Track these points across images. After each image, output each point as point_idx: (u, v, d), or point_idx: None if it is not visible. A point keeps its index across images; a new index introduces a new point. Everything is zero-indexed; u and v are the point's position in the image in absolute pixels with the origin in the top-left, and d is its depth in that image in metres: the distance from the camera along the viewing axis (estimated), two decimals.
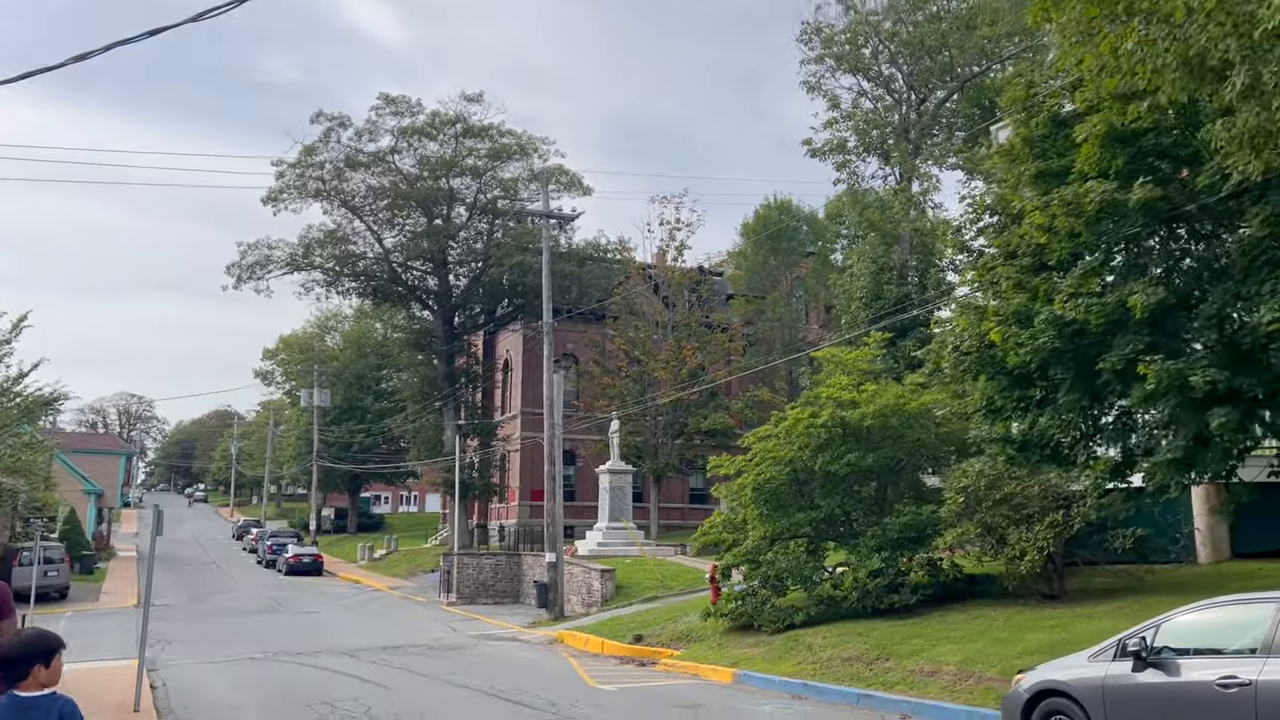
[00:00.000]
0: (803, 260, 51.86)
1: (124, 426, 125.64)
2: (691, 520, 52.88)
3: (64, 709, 4.46)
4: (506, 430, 53.73)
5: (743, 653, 17.04)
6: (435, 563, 46.77)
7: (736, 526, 20.96)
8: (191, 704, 13.61)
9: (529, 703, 13.22)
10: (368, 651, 20.82)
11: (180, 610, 31.69)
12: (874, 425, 18.54)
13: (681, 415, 45.40)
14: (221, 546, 65.29)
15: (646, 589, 28.21)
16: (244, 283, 49.55)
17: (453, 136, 48.98)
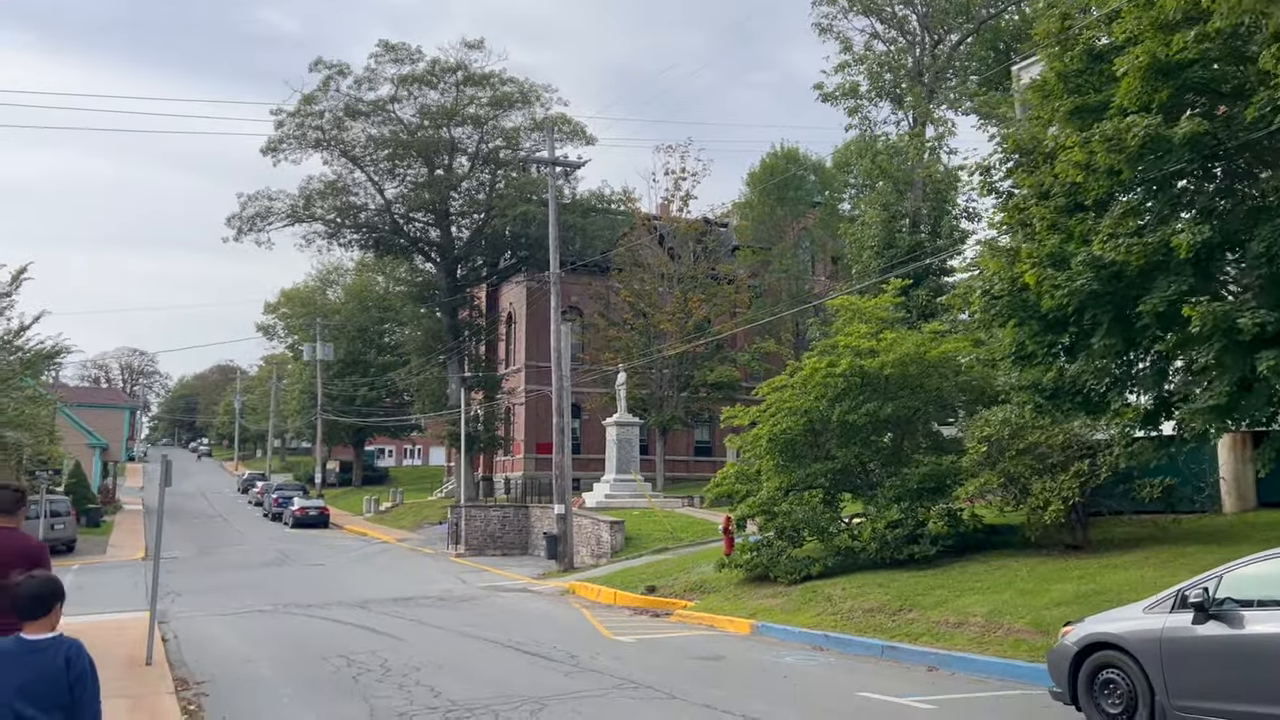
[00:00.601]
0: (810, 210, 51.12)
1: (127, 381, 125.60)
2: (698, 473, 52.82)
3: (70, 650, 4.44)
4: (511, 383, 53.45)
5: (760, 604, 16.81)
6: (441, 515, 46.75)
7: (750, 478, 20.67)
8: (203, 657, 13.38)
9: (547, 654, 12.97)
10: (378, 603, 20.66)
11: (188, 563, 31.61)
12: (893, 374, 18.16)
13: (687, 368, 45.04)
14: (227, 500, 65.39)
15: (656, 540, 28.04)
16: (244, 235, 48.98)
17: (454, 85, 48.05)
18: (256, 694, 10.50)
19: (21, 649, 4.42)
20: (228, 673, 12.12)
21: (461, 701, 9.66)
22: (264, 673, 12.08)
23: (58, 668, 4.41)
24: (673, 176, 46.01)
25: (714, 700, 9.61)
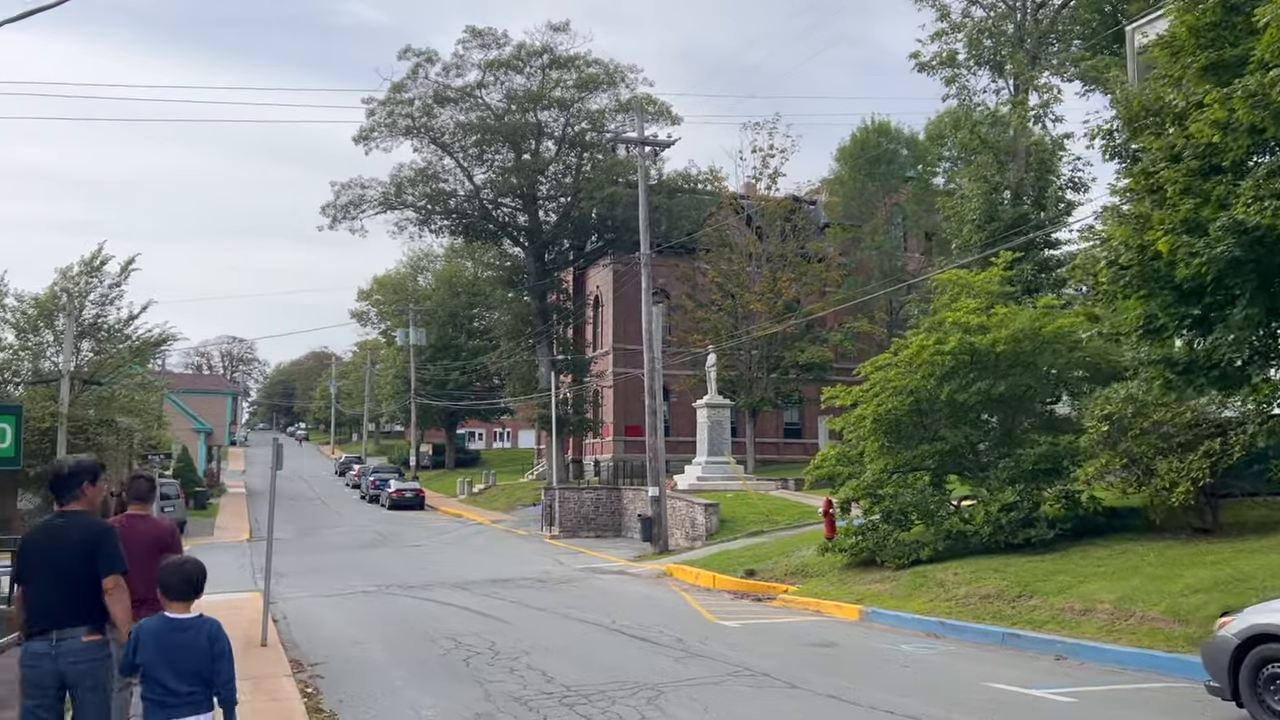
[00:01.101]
0: (903, 185, 49.80)
1: (227, 369, 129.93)
2: (788, 455, 52.16)
3: (211, 629, 4.82)
4: (599, 366, 53.51)
5: (867, 589, 16.35)
6: (533, 497, 47.11)
7: (851, 459, 20.15)
8: (314, 638, 13.55)
9: (654, 639, 12.77)
10: (478, 584, 20.78)
11: (292, 544, 32.35)
12: (1005, 351, 17.42)
13: (777, 348, 44.39)
14: (326, 482, 67.11)
15: (751, 523, 27.68)
16: (339, 223, 49.86)
17: (539, 68, 48.05)
18: (370, 676, 10.52)
19: (167, 627, 4.75)
20: (339, 654, 12.21)
21: (575, 686, 9.51)
22: (375, 654, 12.13)
23: (201, 645, 4.75)
24: (760, 154, 45.32)
25: (837, 690, 9.26)
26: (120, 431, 39.16)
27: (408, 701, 9.11)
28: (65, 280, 37.61)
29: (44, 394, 35.85)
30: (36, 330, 37.14)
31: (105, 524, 5.65)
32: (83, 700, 5.12)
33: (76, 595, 5.13)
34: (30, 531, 5.62)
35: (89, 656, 5.12)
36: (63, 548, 5.24)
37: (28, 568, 5.32)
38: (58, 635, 5.09)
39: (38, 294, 37.31)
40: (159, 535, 6.71)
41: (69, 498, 5.43)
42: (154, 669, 4.70)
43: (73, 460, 5.63)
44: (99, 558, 5.22)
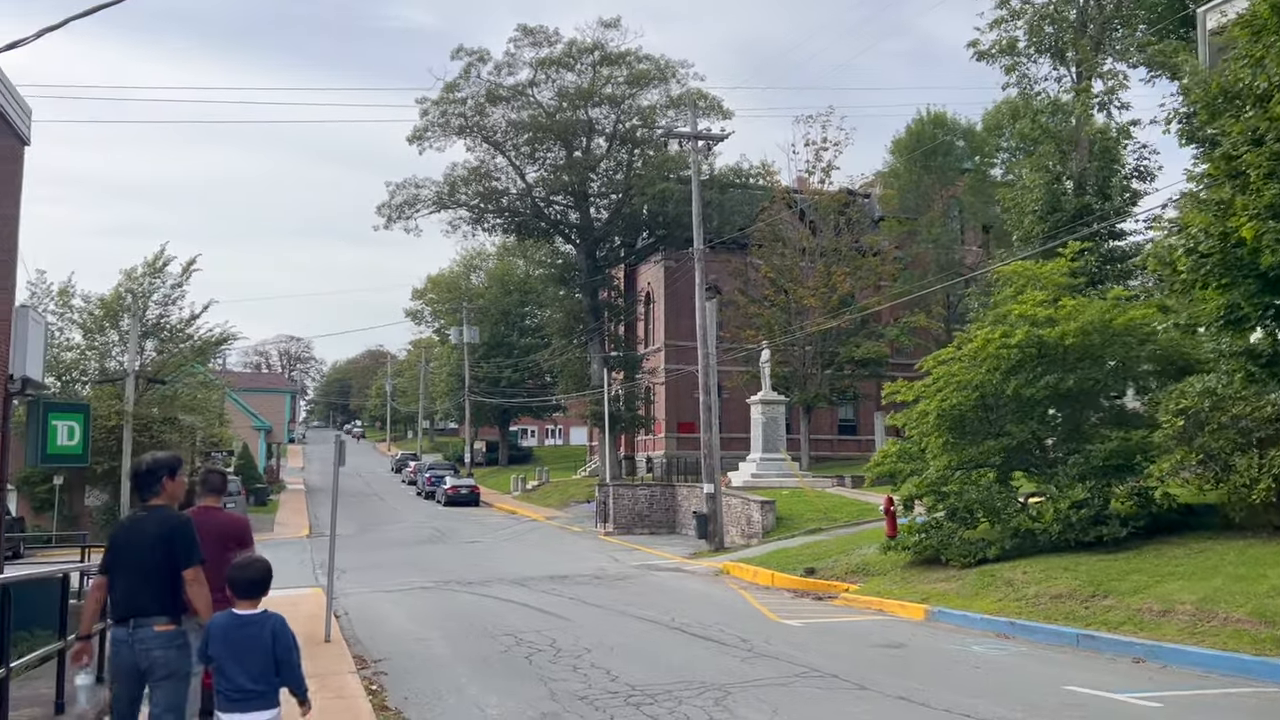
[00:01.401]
0: (959, 177, 48.93)
1: (285, 367, 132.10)
2: (842, 452, 51.59)
3: (275, 625, 4.98)
4: (651, 363, 53.40)
5: (932, 588, 15.99)
6: (586, 494, 47.19)
7: (912, 456, 19.76)
8: (376, 634, 13.60)
9: (716, 638, 12.59)
10: (536, 581, 20.78)
11: (350, 540, 32.70)
12: (1073, 344, 16.93)
13: (831, 344, 43.88)
14: (382, 479, 67.92)
15: (808, 521, 27.37)
16: (394, 222, 50.37)
17: (590, 65, 48.07)
18: (433, 673, 10.49)
19: (235, 623, 4.94)
20: (402, 650, 12.23)
21: (640, 686, 9.37)
22: (437, 651, 12.12)
23: (264, 642, 4.91)
24: (813, 147, 44.88)
25: (907, 691, 9.01)
26: (183, 429, 39.95)
27: (472, 699, 9.05)
28: (129, 281, 38.50)
29: (110, 393, 36.73)
30: (102, 330, 38.07)
31: (182, 516, 5.80)
32: (158, 689, 5.32)
33: (154, 586, 5.34)
34: (117, 525, 5.87)
35: (162, 645, 5.29)
36: (143, 540, 5.45)
37: (113, 559, 5.57)
38: (135, 623, 5.31)
39: (103, 295, 38.25)
40: (232, 527, 6.92)
41: (150, 493, 5.65)
42: (223, 663, 4.89)
43: (151, 457, 5.81)
44: (176, 550, 5.42)
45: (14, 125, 15.52)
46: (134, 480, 5.76)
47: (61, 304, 37.22)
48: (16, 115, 15.57)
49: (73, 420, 17.12)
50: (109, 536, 5.82)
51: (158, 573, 5.36)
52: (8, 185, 15.44)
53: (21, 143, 16.11)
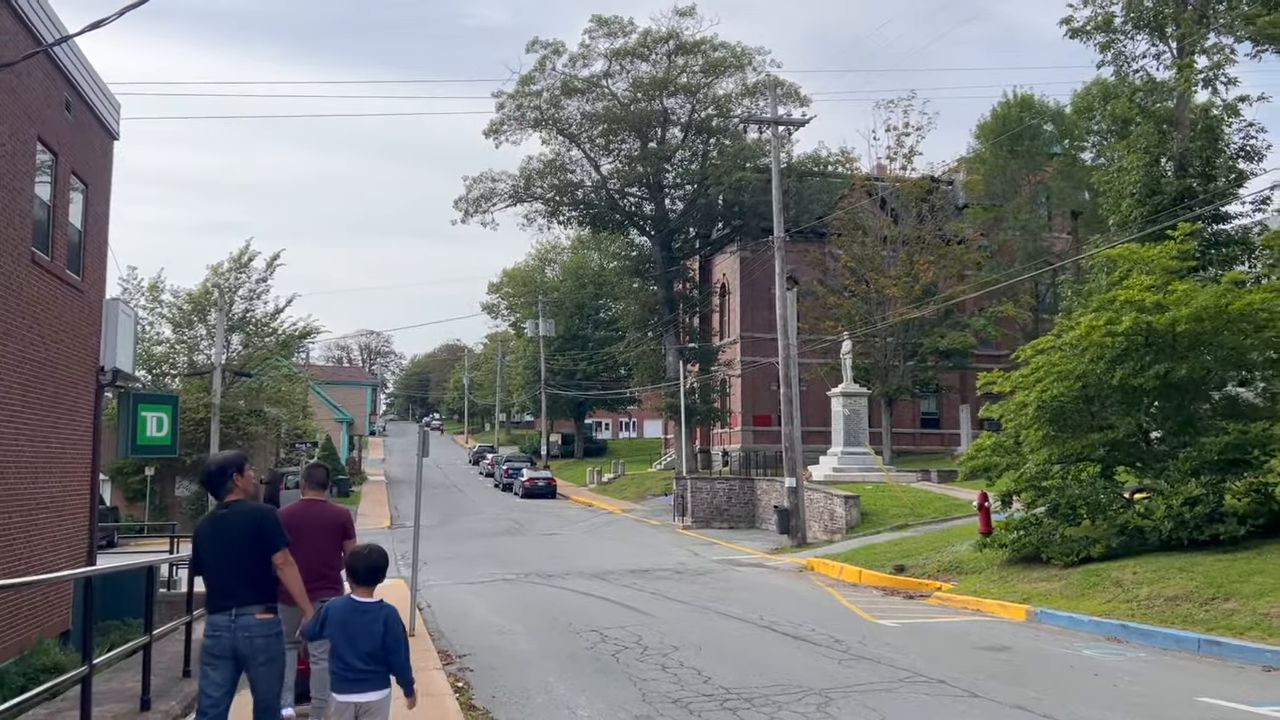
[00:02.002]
0: (1047, 162, 47.25)
1: (365, 361, 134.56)
2: (924, 446, 50.33)
3: (388, 615, 5.25)
4: (726, 355, 52.79)
5: (1032, 588, 15.23)
6: (663, 487, 46.85)
7: (1008, 449, 18.91)
8: (460, 628, 13.41)
9: (808, 638, 12.09)
10: (616, 575, 20.49)
11: (431, 531, 32.86)
12: (1185, 331, 15.96)
13: (914, 335, 42.74)
14: (460, 471, 68.57)
15: (894, 517, 26.60)
16: (471, 216, 50.57)
17: (665, 55, 47.59)
18: (519, 670, 10.21)
19: (352, 609, 5.20)
20: (486, 644, 12.00)
21: (735, 689, 8.94)
22: (521, 646, 11.86)
23: (377, 628, 5.14)
24: (894, 132, 43.74)
25: (1023, 700, 8.41)
26: (268, 421, 40.74)
27: (562, 700, 8.72)
28: (216, 276, 39.29)
29: (198, 386, 37.57)
30: (191, 325, 38.95)
31: (265, 506, 6.01)
32: (256, 672, 5.60)
33: (249, 576, 5.61)
34: (200, 525, 6.01)
35: (263, 632, 5.56)
36: (231, 535, 5.68)
37: (203, 558, 5.80)
38: (236, 611, 5.56)
39: (191, 290, 39.14)
40: (335, 518, 7.33)
41: (223, 491, 5.85)
42: (338, 645, 5.15)
43: (219, 457, 6.03)
44: (265, 538, 5.69)
45: (104, 120, 15.72)
46: (205, 482, 5.94)
47: (152, 299, 38.21)
48: (106, 110, 15.77)
49: (161, 412, 17.34)
50: (194, 536, 5.96)
51: (249, 564, 5.60)
52: (98, 180, 15.66)
53: (111, 138, 16.34)
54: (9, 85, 11.79)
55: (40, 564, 13.32)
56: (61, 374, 14.02)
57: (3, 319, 11.74)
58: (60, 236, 13.89)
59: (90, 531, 15.71)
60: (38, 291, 12.95)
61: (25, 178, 12.40)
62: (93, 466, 15.75)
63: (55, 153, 13.53)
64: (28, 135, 12.45)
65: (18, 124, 12.04)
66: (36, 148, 12.83)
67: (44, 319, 13.19)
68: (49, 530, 13.71)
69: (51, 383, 13.55)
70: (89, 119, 14.96)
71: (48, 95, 13.18)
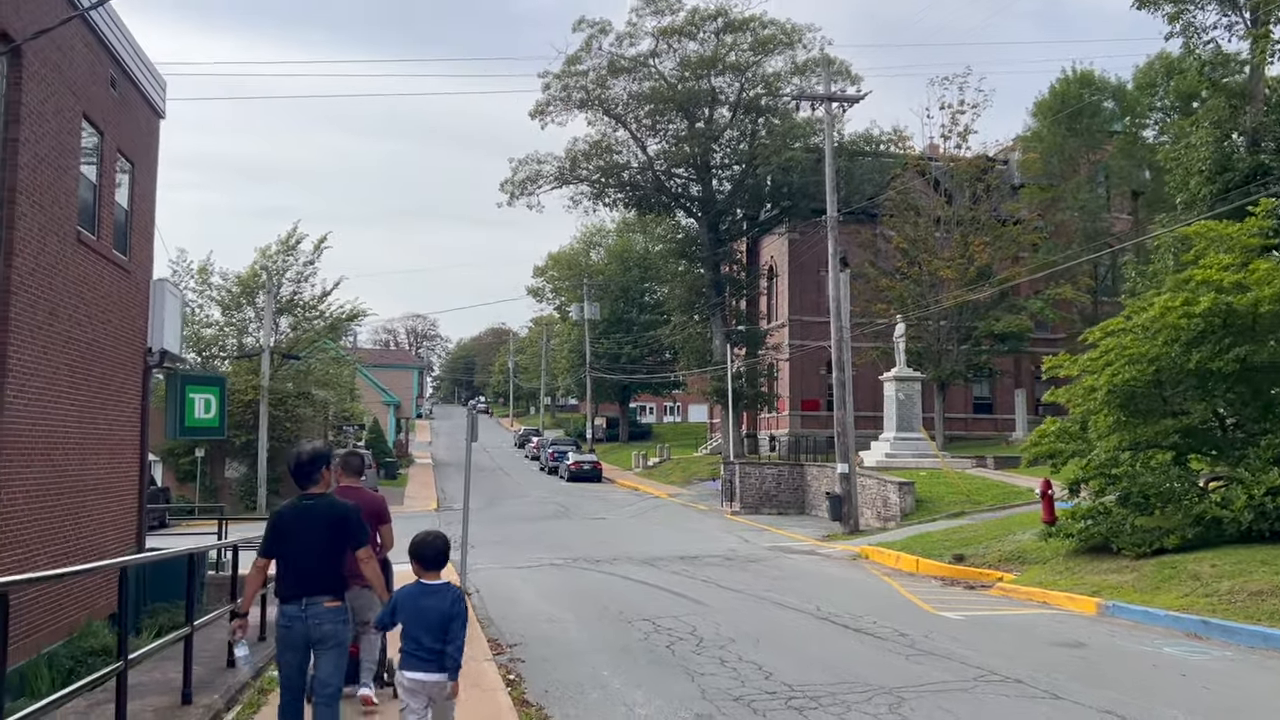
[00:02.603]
0: (1107, 139, 45.78)
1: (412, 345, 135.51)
2: (977, 432, 49.27)
3: (456, 594, 5.52)
4: (774, 339, 52.07)
5: (1102, 580, 14.56)
6: (709, 471, 46.41)
7: (1073, 435, 18.19)
8: (509, 615, 13.11)
9: (870, 630, 11.60)
10: (665, 561, 20.12)
11: (477, 514, 32.59)
12: (1268, 312, 15.13)
13: (968, 318, 41.73)
14: (506, 454, 68.69)
15: (949, 504, 25.91)
16: (516, 199, 50.28)
17: (713, 33, 46.83)
18: (572, 662, 9.85)
19: (421, 591, 5.46)
20: (536, 634, 11.67)
21: (799, 686, 8.49)
22: (572, 635, 11.51)
23: (445, 609, 5.38)
24: (949, 110, 42.63)
25: (1110, 704, 7.86)
26: (316, 403, 40.91)
27: (618, 695, 8.33)
28: (264, 259, 39.45)
29: (247, 368, 37.79)
30: (239, 307, 39.17)
31: (350, 504, 6.24)
32: (324, 656, 5.88)
33: (323, 567, 5.86)
34: (281, 511, 6.16)
35: (332, 619, 5.84)
36: (314, 526, 5.89)
37: (281, 543, 5.96)
38: (307, 600, 5.80)
39: (240, 272, 39.34)
40: (371, 504, 7.61)
41: (310, 482, 6.04)
42: (409, 627, 5.38)
43: (310, 448, 6.20)
44: (349, 534, 5.96)
45: (149, 98, 15.54)
46: (295, 469, 6.08)
47: (201, 281, 38.46)
48: (152, 87, 15.59)
49: (209, 393, 17.23)
50: (272, 522, 6.10)
51: (326, 555, 5.86)
52: (144, 159, 15.50)
53: (157, 115, 16.17)
54: (54, 61, 11.59)
55: (88, 547, 13.24)
56: (109, 354, 13.90)
57: (49, 298, 11.59)
58: (106, 216, 13.73)
59: (139, 514, 15.65)
60: (84, 271, 12.80)
61: (71, 155, 12.23)
62: (141, 448, 15.67)
63: (101, 131, 13.35)
64: (73, 113, 12.26)
65: (63, 101, 11.85)
66: (82, 125, 12.65)
67: (90, 299, 13.05)
68: (97, 513, 13.62)
69: (99, 363, 13.42)
70: (135, 96, 14.79)
71: (93, 72, 12.99)
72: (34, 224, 11.08)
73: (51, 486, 11.94)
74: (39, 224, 11.21)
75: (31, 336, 11.13)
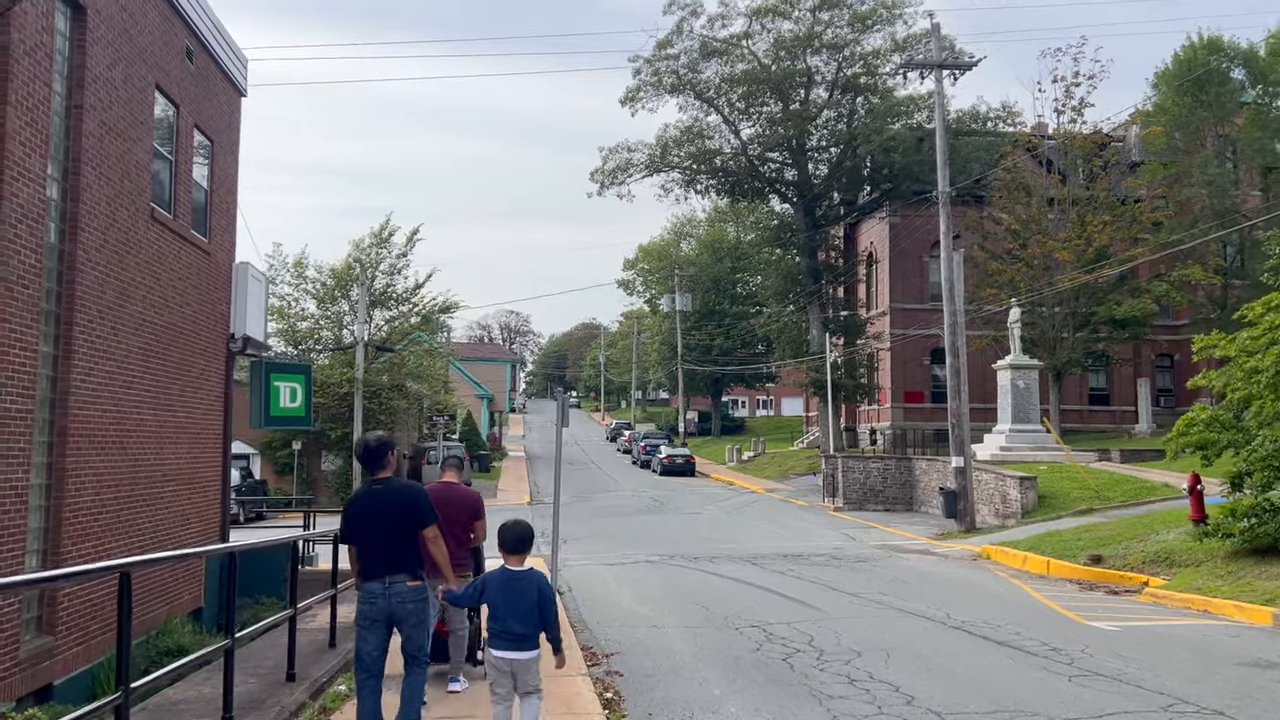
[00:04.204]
0: (1237, 111, 42.47)
1: (505, 340, 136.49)
2: (1093, 424, 46.48)
3: (539, 580, 5.79)
4: (875, 328, 50.06)
5: (1276, 586, 12.77)
6: (807, 466, 44.80)
7: (1226, 425, 16.27)
8: (604, 619, 12.06)
9: (1015, 643, 10.16)
10: (768, 559, 18.87)
11: (570, 508, 31.87)
12: None
13: (1085, 303, 39.18)
14: (598, 447, 68.08)
15: (1076, 500, 23.96)
16: (606, 189, 49.36)
17: (808, 10, 45.12)
18: (677, 678, 8.70)
19: (507, 577, 5.70)
20: (635, 640, 10.57)
21: (949, 713, 7.17)
22: (675, 644, 10.36)
23: (532, 594, 5.64)
24: (1063, 83, 40.06)
25: None
26: (410, 396, 40.71)
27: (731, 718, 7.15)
28: (358, 251, 39.37)
29: (342, 361, 37.74)
30: (334, 300, 39.16)
31: (418, 485, 6.54)
32: (408, 633, 6.13)
33: (400, 547, 6.06)
34: (355, 498, 6.41)
35: (413, 597, 6.06)
36: (387, 509, 6.11)
37: (358, 528, 6.19)
38: (389, 579, 6.03)
39: (334, 266, 39.33)
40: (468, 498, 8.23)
41: (378, 467, 6.25)
42: (497, 610, 5.64)
43: (374, 437, 6.38)
44: (420, 514, 6.16)
45: (229, 74, 14.94)
46: (363, 455, 6.30)
47: (297, 275, 38.53)
48: (232, 63, 14.98)
49: (295, 382, 16.62)
50: (348, 508, 6.35)
51: (401, 536, 6.05)
52: (224, 137, 14.90)
53: (238, 93, 15.57)
54: (121, 25, 10.95)
55: (168, 539, 12.66)
56: (188, 339, 13.30)
57: (120, 276, 10.95)
58: (184, 194, 13.12)
59: (223, 505, 15.09)
60: (159, 251, 12.18)
61: (142, 127, 11.59)
62: (224, 437, 15.11)
63: (176, 104, 12.73)
64: (144, 82, 11.62)
65: (131, 68, 11.20)
66: (155, 96, 12.02)
67: (166, 280, 12.44)
68: (177, 504, 13.04)
69: (176, 348, 12.82)
70: (213, 70, 14.18)
71: (166, 41, 12.36)
72: (101, 196, 10.43)
73: (125, 476, 11.33)
74: (107, 197, 10.57)
75: (100, 317, 10.49)
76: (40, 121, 9.15)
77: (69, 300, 9.85)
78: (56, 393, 9.79)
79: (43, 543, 9.74)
